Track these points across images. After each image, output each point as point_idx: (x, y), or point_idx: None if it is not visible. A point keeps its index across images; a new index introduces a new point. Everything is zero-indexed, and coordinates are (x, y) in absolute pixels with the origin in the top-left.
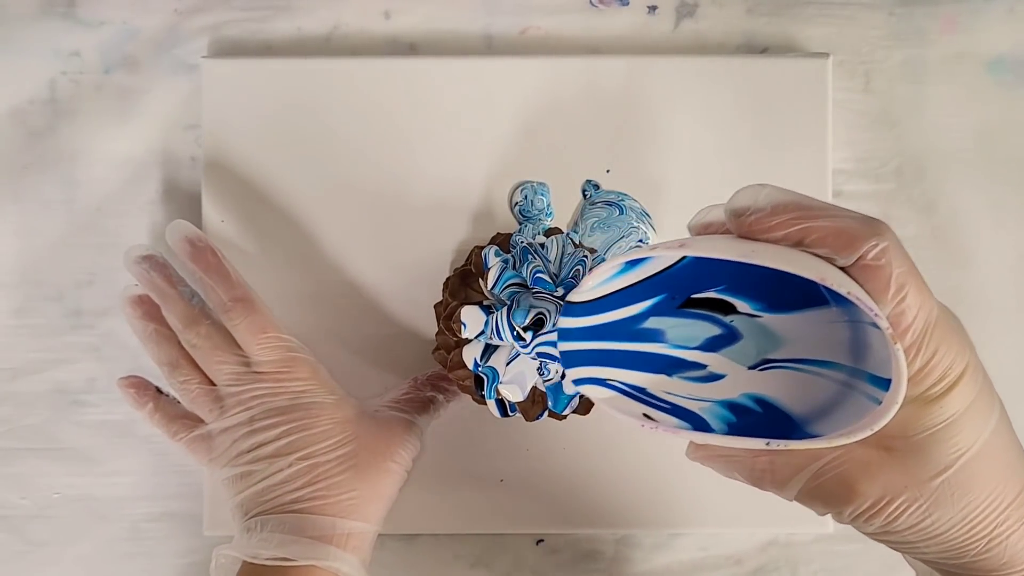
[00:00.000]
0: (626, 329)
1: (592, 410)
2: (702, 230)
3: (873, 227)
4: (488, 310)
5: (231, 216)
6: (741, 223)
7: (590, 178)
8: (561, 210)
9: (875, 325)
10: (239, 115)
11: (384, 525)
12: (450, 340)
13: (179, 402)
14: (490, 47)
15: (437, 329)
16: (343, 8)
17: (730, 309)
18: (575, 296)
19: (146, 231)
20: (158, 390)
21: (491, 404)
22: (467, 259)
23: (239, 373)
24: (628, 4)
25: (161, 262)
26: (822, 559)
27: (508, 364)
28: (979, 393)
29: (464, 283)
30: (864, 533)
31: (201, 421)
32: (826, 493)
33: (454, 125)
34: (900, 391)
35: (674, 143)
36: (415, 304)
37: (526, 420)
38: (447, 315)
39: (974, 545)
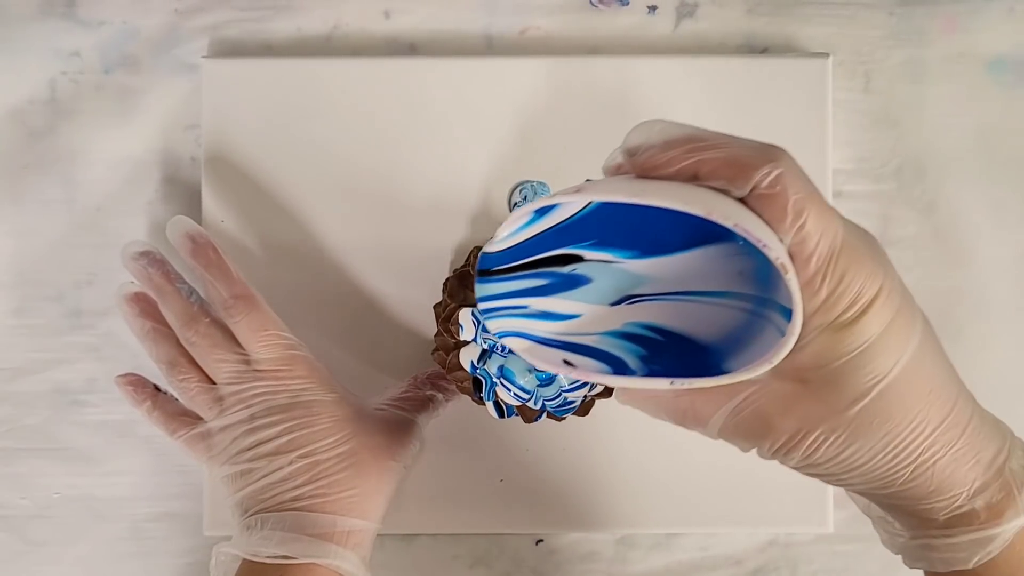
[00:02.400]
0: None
1: (591, 411)
2: (613, 172)
3: (767, 153)
4: None
5: (231, 216)
6: (635, 162)
7: (590, 178)
8: None
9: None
10: (239, 115)
11: (384, 525)
12: (449, 341)
13: (177, 400)
14: (490, 47)
15: (436, 330)
16: (343, 8)
17: (573, 259)
18: (489, 246)
19: (146, 231)
20: (156, 388)
21: (489, 406)
22: (466, 260)
23: (239, 371)
24: (628, 4)
25: (159, 258)
26: (822, 559)
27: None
28: (896, 315)
29: (463, 284)
30: (789, 467)
31: (200, 419)
32: (745, 429)
33: (454, 125)
34: (796, 322)
35: None
36: (415, 304)
37: (524, 422)
38: (446, 316)
39: (899, 474)
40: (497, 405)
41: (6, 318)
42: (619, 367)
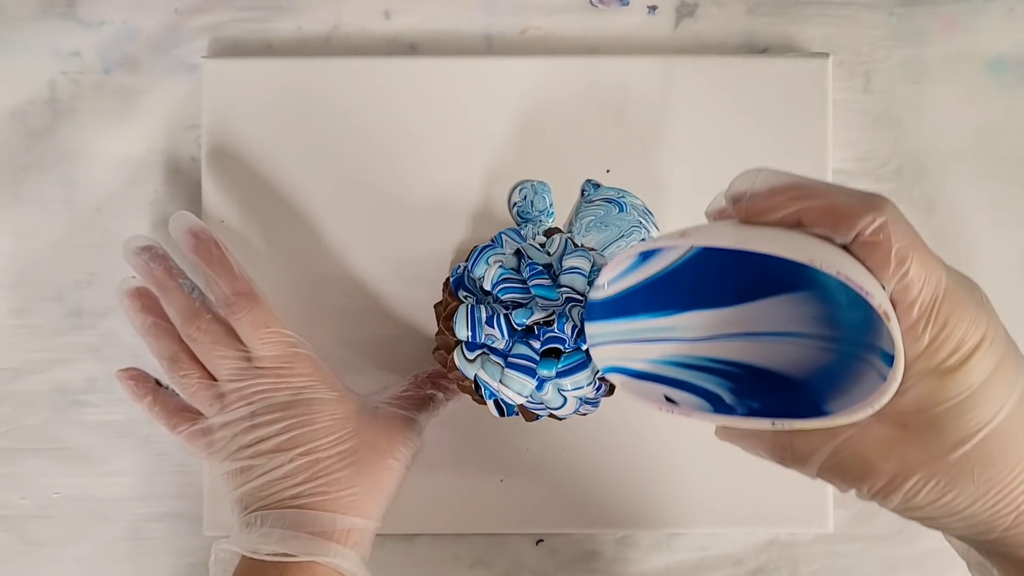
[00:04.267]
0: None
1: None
2: (717, 216)
3: (870, 202)
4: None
5: (231, 216)
6: (740, 208)
7: (590, 178)
8: (561, 211)
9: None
10: (239, 115)
11: (384, 525)
12: (450, 340)
13: (178, 395)
14: (490, 47)
15: (437, 329)
16: (343, 8)
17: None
18: (596, 295)
19: (146, 231)
20: (157, 382)
21: (490, 405)
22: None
23: (240, 368)
24: (628, 4)
25: (161, 254)
26: (822, 559)
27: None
28: (1000, 363)
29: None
30: (891, 510)
31: (201, 415)
32: (844, 470)
33: (454, 125)
34: (899, 368)
35: (674, 143)
36: (415, 304)
37: (526, 420)
38: (447, 315)
39: (1000, 520)
40: (498, 404)
41: (6, 318)
42: (714, 402)
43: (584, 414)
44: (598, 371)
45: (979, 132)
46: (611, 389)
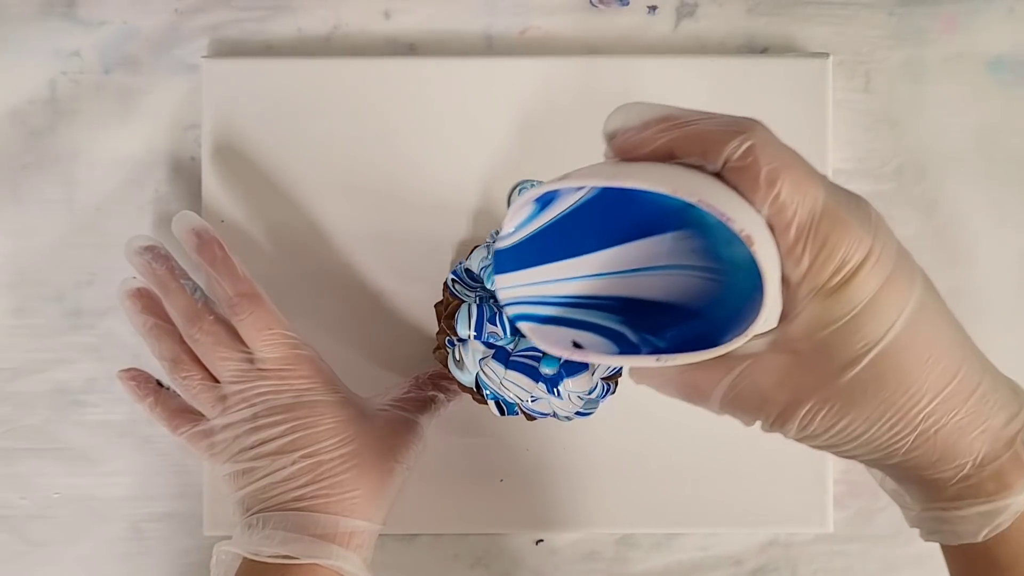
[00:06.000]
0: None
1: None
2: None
3: (738, 126)
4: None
5: (231, 216)
6: (615, 145)
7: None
8: None
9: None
10: (239, 115)
11: (384, 525)
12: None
13: (180, 395)
14: (490, 47)
15: (438, 328)
16: (343, 8)
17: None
18: (501, 243)
19: (146, 231)
20: (159, 383)
21: (491, 404)
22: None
23: (243, 370)
24: (628, 4)
25: (163, 254)
26: (822, 559)
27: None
28: (889, 281)
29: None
30: (796, 440)
31: (202, 416)
32: (742, 402)
33: (454, 125)
34: (767, 293)
35: None
36: (415, 304)
37: (527, 419)
38: (447, 314)
39: (900, 443)
40: (498, 404)
41: (6, 318)
42: (621, 342)
43: (587, 413)
44: (594, 370)
45: (979, 132)
46: (613, 389)
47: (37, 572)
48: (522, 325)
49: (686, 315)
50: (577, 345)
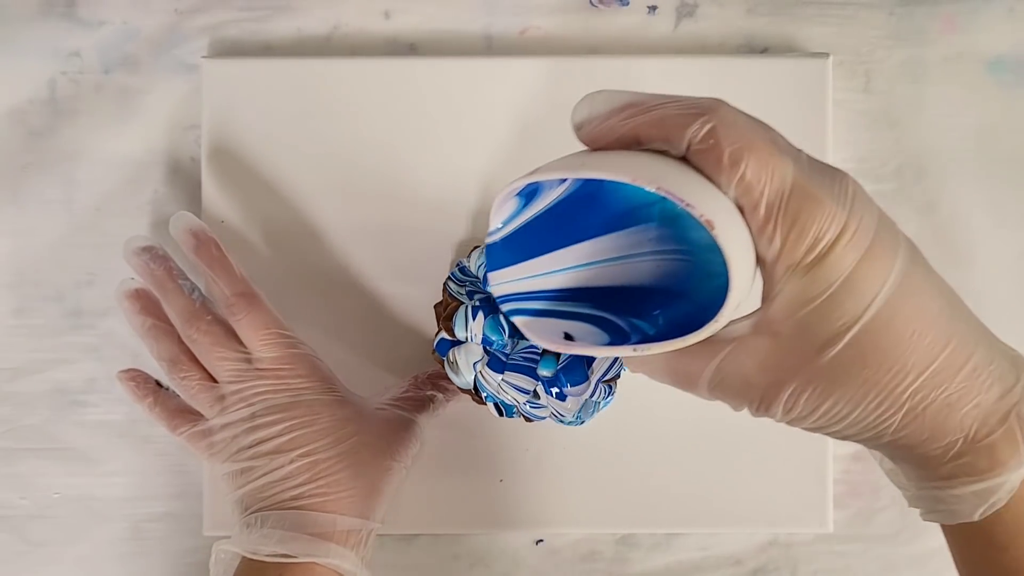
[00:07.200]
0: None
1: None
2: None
3: (699, 107)
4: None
5: (231, 216)
6: (583, 135)
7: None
8: None
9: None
10: (239, 115)
11: (384, 525)
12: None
13: (179, 395)
14: (490, 47)
15: (437, 329)
16: (343, 8)
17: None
18: (490, 239)
19: (146, 231)
20: (158, 383)
21: (490, 405)
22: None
23: (241, 369)
24: (628, 4)
25: (161, 254)
26: (822, 559)
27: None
28: (867, 256)
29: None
30: (785, 424)
31: (201, 416)
32: (728, 387)
33: (454, 125)
34: (732, 277)
35: None
36: (415, 304)
37: (526, 421)
38: (447, 315)
39: (888, 423)
40: (497, 406)
41: (6, 318)
42: (613, 331)
43: (584, 420)
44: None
45: (979, 132)
46: (612, 390)
47: (37, 572)
48: (517, 320)
49: (677, 299)
50: (568, 337)
